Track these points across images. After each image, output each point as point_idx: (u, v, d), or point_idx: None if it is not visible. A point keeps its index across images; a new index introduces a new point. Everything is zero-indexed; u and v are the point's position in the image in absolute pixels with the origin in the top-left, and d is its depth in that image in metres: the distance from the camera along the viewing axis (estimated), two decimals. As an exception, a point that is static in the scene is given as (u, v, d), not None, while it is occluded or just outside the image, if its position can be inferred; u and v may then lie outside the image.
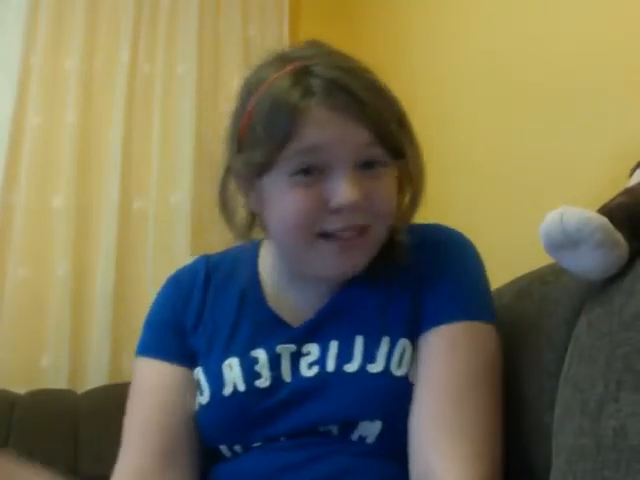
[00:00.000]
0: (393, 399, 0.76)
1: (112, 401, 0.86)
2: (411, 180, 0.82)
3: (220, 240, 2.28)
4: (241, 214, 0.85)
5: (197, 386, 0.83)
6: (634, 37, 1.06)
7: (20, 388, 1.71)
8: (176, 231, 2.03)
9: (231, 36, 2.22)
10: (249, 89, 0.80)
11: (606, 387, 0.58)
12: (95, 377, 1.87)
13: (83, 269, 1.96)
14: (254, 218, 0.85)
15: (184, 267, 0.95)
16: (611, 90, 1.11)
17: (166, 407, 0.83)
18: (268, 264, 0.89)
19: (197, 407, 0.83)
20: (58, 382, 1.84)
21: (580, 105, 1.18)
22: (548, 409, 0.70)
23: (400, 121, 0.79)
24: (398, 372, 0.77)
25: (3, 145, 1.95)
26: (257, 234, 0.88)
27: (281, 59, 0.79)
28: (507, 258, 0.87)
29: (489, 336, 0.79)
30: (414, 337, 0.79)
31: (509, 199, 1.37)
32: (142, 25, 2.13)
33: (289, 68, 0.77)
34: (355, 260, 0.79)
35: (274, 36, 2.26)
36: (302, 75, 0.76)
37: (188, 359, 0.86)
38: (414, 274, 0.82)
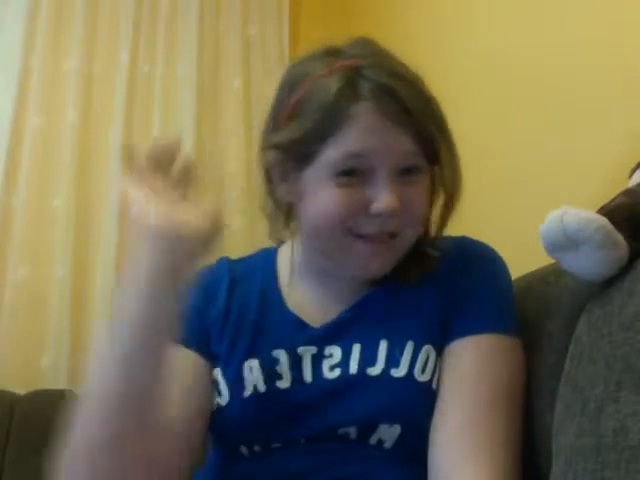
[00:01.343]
0: (414, 404, 0.76)
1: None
2: (444, 185, 0.82)
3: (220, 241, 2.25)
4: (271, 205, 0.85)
5: (215, 388, 0.83)
6: (635, 38, 1.06)
7: (20, 388, 1.71)
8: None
9: (231, 36, 2.22)
10: (294, 81, 0.80)
11: (606, 387, 0.58)
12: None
13: (83, 269, 1.96)
14: (288, 211, 0.85)
15: (208, 268, 0.94)
16: (611, 90, 1.11)
17: (183, 394, 0.79)
18: (287, 266, 0.89)
19: (214, 408, 0.82)
20: (58, 382, 1.84)
21: (580, 105, 1.18)
22: (548, 409, 0.70)
23: (440, 127, 0.79)
24: (421, 378, 0.77)
25: (3, 146, 1.95)
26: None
27: (330, 54, 0.79)
28: (507, 258, 0.86)
29: (515, 349, 0.79)
30: (439, 345, 0.79)
31: (509, 199, 1.37)
32: (142, 25, 2.13)
33: (338, 65, 0.77)
34: (383, 262, 0.80)
35: (274, 36, 2.26)
36: (352, 76, 0.76)
37: (206, 351, 0.84)
38: (442, 283, 0.82)
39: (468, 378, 0.76)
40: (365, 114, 0.74)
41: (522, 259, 0.89)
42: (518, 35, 1.39)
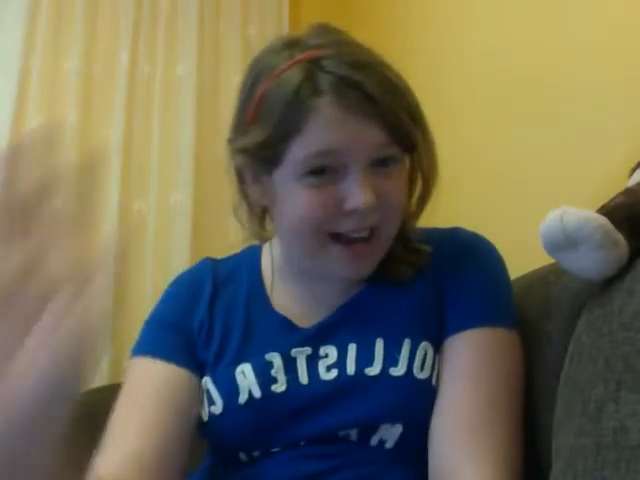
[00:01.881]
0: (415, 402, 0.75)
1: (112, 401, 0.84)
2: (422, 171, 0.80)
3: (220, 241, 2.27)
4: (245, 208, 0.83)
5: (206, 396, 0.81)
6: (634, 37, 1.06)
7: (20, 388, 1.70)
8: (176, 232, 2.03)
9: (231, 36, 2.22)
10: (257, 75, 0.77)
11: (606, 387, 0.57)
12: (95, 377, 1.87)
13: (83, 270, 1.95)
14: (263, 212, 0.83)
15: (189, 270, 0.93)
16: (611, 90, 1.11)
17: (165, 406, 0.80)
18: (272, 266, 0.87)
19: (207, 417, 0.80)
20: (58, 382, 1.84)
21: (580, 105, 1.18)
22: (548, 409, 0.70)
23: (413, 114, 0.76)
24: (420, 375, 0.76)
25: (3, 146, 1.94)
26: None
27: (290, 46, 0.76)
28: (507, 258, 0.86)
29: (513, 342, 0.78)
30: (436, 340, 0.78)
31: (509, 199, 1.37)
32: (142, 25, 2.13)
33: (298, 58, 0.73)
34: (365, 266, 0.78)
35: (274, 36, 2.25)
36: (312, 69, 0.72)
37: (192, 363, 0.83)
38: (436, 277, 0.81)
39: (466, 375, 0.75)
40: (327, 109, 0.71)
41: (522, 259, 0.89)
42: (518, 35, 1.39)
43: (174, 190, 2.06)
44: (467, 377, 0.75)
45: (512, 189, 1.36)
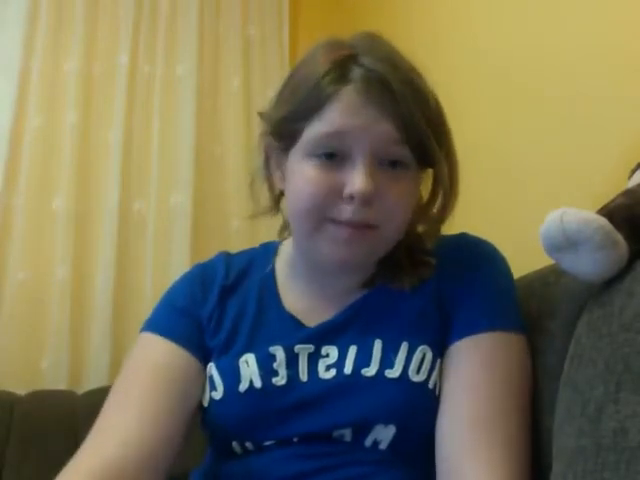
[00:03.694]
0: (408, 404, 0.76)
1: (112, 402, 0.85)
2: (443, 187, 0.81)
3: (220, 241, 2.27)
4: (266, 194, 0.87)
5: (209, 382, 0.83)
6: (635, 37, 1.06)
7: (20, 388, 1.71)
8: (176, 232, 2.03)
9: (231, 36, 2.22)
10: (296, 69, 0.82)
11: (606, 388, 0.58)
12: (95, 378, 1.87)
13: (83, 270, 1.96)
14: (279, 197, 0.87)
15: (204, 262, 0.95)
16: (611, 90, 1.11)
17: (167, 387, 0.81)
18: (286, 264, 0.90)
19: (208, 403, 0.82)
20: (58, 383, 1.84)
21: (580, 105, 1.18)
22: (548, 411, 0.70)
23: (436, 127, 0.77)
24: (416, 378, 0.76)
25: (3, 146, 1.95)
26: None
27: (333, 44, 0.80)
28: (508, 259, 0.86)
29: (521, 346, 0.78)
30: (438, 345, 0.79)
31: (509, 200, 1.37)
32: (142, 25, 2.13)
33: (336, 54, 0.77)
34: (356, 251, 0.77)
35: (274, 36, 2.26)
36: (346, 62, 0.76)
37: (198, 350, 0.85)
38: (441, 283, 0.82)
39: (472, 378, 0.75)
40: (348, 95, 0.74)
41: (522, 259, 0.89)
42: (519, 34, 1.39)
43: (174, 190, 2.06)
44: (473, 380, 0.75)
45: (512, 189, 1.36)
